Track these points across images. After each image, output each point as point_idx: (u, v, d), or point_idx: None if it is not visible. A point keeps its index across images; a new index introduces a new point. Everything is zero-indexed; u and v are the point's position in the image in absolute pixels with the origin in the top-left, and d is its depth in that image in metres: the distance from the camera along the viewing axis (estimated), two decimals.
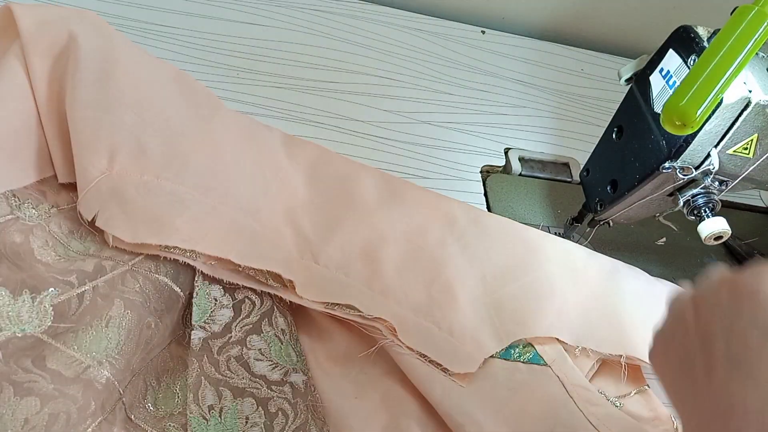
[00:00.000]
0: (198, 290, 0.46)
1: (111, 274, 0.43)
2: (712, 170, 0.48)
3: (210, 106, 0.55)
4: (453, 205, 0.59)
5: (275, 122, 0.64)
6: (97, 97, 0.47)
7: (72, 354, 0.39)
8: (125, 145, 0.47)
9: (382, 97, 0.71)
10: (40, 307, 0.40)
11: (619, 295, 0.55)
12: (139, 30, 0.67)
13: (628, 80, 0.53)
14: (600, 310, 0.54)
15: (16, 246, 0.42)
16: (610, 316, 0.54)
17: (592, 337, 0.52)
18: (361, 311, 0.48)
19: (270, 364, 0.44)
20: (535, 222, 0.65)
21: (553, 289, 0.54)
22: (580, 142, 0.75)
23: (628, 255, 0.65)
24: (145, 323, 0.42)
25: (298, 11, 0.76)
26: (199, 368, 0.43)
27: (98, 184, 0.45)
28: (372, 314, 0.48)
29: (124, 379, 0.41)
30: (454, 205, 0.58)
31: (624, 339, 0.53)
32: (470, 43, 0.82)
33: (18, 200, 0.45)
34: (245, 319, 0.46)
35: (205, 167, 0.50)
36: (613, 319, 0.54)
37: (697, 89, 0.40)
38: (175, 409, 0.42)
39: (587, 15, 0.88)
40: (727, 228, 0.49)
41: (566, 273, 0.55)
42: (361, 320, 0.48)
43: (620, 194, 0.53)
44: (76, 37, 0.48)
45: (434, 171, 0.66)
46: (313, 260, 0.51)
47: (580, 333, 0.52)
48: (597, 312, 0.54)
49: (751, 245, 0.69)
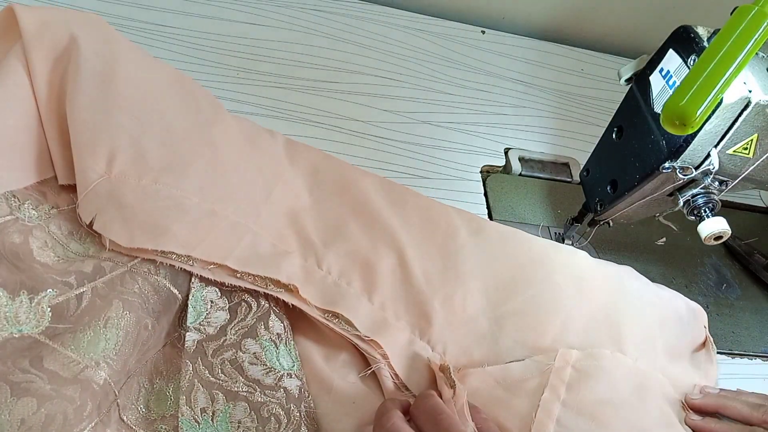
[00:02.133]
0: (194, 292, 0.46)
1: (110, 275, 0.43)
2: (712, 170, 0.48)
3: (211, 111, 0.54)
4: (454, 214, 0.58)
5: (275, 122, 0.64)
6: (97, 99, 0.47)
7: (69, 355, 0.39)
8: (124, 149, 0.47)
9: (382, 97, 0.71)
10: (38, 308, 0.40)
11: (623, 308, 0.55)
12: (139, 30, 0.67)
13: (628, 80, 0.53)
14: (604, 323, 0.54)
15: (15, 247, 0.42)
16: (613, 331, 0.53)
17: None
18: (359, 330, 0.47)
19: (264, 369, 0.44)
20: (535, 222, 0.65)
21: (558, 302, 0.53)
22: (580, 142, 0.75)
23: (628, 255, 0.65)
24: (143, 324, 0.42)
25: (298, 11, 0.76)
26: (192, 371, 0.42)
27: (96, 188, 0.45)
28: (368, 336, 0.47)
29: (120, 380, 0.41)
30: (455, 215, 0.58)
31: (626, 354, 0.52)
32: (470, 43, 0.82)
33: (18, 201, 0.45)
34: (241, 322, 0.46)
35: (204, 171, 0.50)
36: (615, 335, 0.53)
37: (697, 89, 0.40)
38: (167, 412, 0.42)
39: (587, 15, 0.88)
40: (727, 228, 0.49)
41: (571, 284, 0.55)
42: (356, 340, 0.47)
43: (620, 194, 0.53)
44: (77, 40, 0.48)
45: (434, 171, 0.66)
46: (317, 264, 0.51)
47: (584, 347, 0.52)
48: (601, 326, 0.53)
49: (751, 245, 0.69)
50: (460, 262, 0.54)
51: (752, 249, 0.69)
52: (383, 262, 0.52)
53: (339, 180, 0.58)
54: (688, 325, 0.57)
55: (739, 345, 0.61)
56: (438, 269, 0.53)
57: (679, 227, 0.61)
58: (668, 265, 0.66)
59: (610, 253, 0.65)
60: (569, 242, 0.63)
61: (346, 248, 0.53)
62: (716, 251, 0.69)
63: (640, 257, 0.66)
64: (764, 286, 0.67)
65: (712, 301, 0.64)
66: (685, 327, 0.57)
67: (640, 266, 0.60)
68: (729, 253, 0.70)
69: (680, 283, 0.64)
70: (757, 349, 0.61)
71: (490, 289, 0.53)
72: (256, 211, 0.52)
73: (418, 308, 0.51)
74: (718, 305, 0.64)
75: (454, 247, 0.55)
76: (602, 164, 0.57)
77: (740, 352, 0.60)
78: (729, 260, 0.69)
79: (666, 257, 0.67)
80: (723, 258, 0.69)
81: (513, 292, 0.53)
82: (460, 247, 0.55)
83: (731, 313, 0.64)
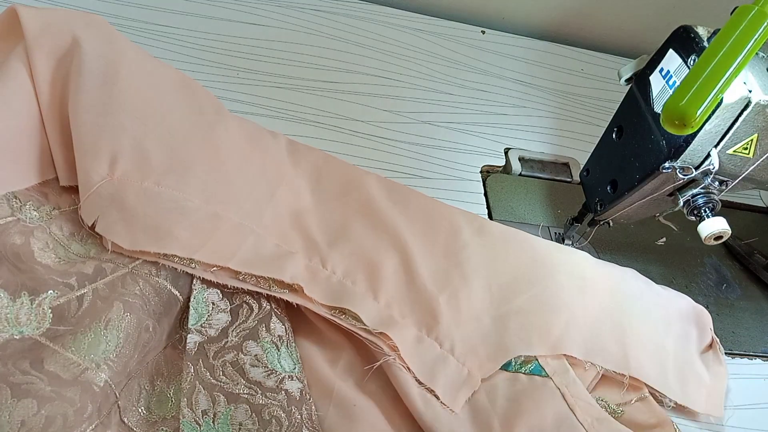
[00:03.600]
0: (196, 294, 0.46)
1: (111, 277, 0.43)
2: (712, 170, 0.48)
3: (213, 112, 0.54)
4: (457, 214, 0.58)
5: (275, 122, 0.64)
6: (99, 101, 0.47)
7: (70, 356, 0.39)
8: (127, 151, 0.47)
9: (382, 97, 0.71)
10: (39, 310, 0.40)
11: (627, 308, 0.55)
12: (139, 30, 0.67)
13: (628, 80, 0.53)
14: (607, 323, 0.54)
15: (17, 248, 0.42)
16: (617, 330, 0.53)
17: (600, 353, 0.52)
18: (366, 325, 0.47)
19: (265, 371, 0.44)
20: (535, 222, 0.65)
21: (561, 300, 0.53)
22: (580, 142, 0.74)
23: (628, 255, 0.65)
24: (144, 326, 0.42)
25: (298, 11, 0.76)
26: (194, 372, 0.42)
27: (99, 190, 0.45)
28: (377, 329, 0.47)
29: (121, 382, 0.41)
30: (458, 214, 0.58)
31: (629, 356, 0.52)
32: (470, 43, 0.82)
33: (19, 202, 0.45)
34: (242, 324, 0.46)
35: (207, 173, 0.50)
36: (619, 334, 0.53)
37: (697, 89, 0.40)
38: (168, 414, 0.42)
39: (587, 15, 0.88)
40: (727, 228, 0.49)
41: (574, 283, 0.55)
42: (365, 334, 0.47)
43: (620, 194, 0.53)
44: (79, 41, 0.48)
45: (434, 171, 0.66)
46: (321, 264, 0.51)
47: (588, 347, 0.52)
48: (604, 325, 0.53)
49: (751, 245, 0.69)
50: (464, 261, 0.54)
51: (752, 249, 0.69)
52: (387, 261, 0.52)
53: (341, 181, 0.58)
54: (694, 325, 0.57)
55: (739, 345, 0.61)
56: (442, 268, 0.54)
57: (679, 227, 0.61)
58: (668, 265, 0.66)
59: (610, 253, 0.65)
60: (569, 242, 0.63)
61: (350, 248, 0.53)
62: (716, 251, 0.69)
63: (640, 257, 0.65)
64: (764, 286, 0.67)
65: (712, 301, 0.64)
66: (691, 327, 0.57)
67: (640, 266, 0.60)
68: (729, 253, 0.70)
69: (680, 283, 0.64)
70: (757, 349, 0.61)
71: (493, 288, 0.53)
72: (260, 213, 0.52)
73: (424, 306, 0.51)
74: (718, 305, 0.64)
75: (458, 246, 0.55)
76: (602, 164, 0.57)
77: (740, 352, 0.60)
78: (729, 260, 0.69)
79: (666, 257, 0.67)
80: (723, 258, 0.69)
81: (516, 290, 0.53)
82: (463, 246, 0.55)
83: (731, 313, 0.64)
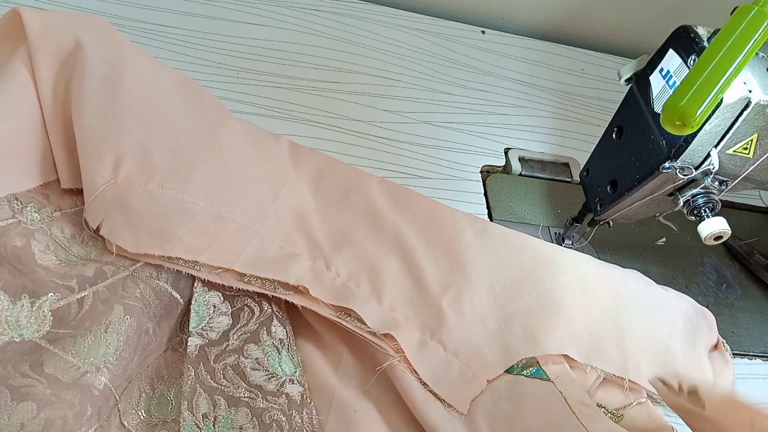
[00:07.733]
0: (197, 297, 0.46)
1: (111, 279, 0.43)
2: (712, 170, 0.47)
3: (217, 114, 0.54)
4: (459, 216, 0.58)
5: (275, 122, 0.64)
6: (102, 104, 0.47)
7: (70, 359, 0.39)
8: (130, 154, 0.46)
9: (382, 97, 0.71)
10: (39, 312, 0.40)
11: (628, 310, 0.55)
12: (139, 30, 0.67)
13: (628, 80, 0.53)
14: (608, 325, 0.54)
15: (17, 250, 0.42)
16: (618, 333, 0.53)
17: (600, 356, 0.52)
18: (371, 327, 0.47)
19: (266, 374, 0.44)
20: (535, 222, 0.65)
21: (563, 302, 0.53)
22: (580, 142, 0.74)
23: (628, 255, 0.65)
24: (144, 329, 0.42)
25: (298, 11, 0.76)
26: (194, 376, 0.42)
27: (103, 193, 0.45)
28: (382, 331, 0.47)
29: (121, 385, 0.41)
30: (460, 217, 0.58)
31: (629, 359, 0.52)
32: (470, 43, 0.82)
33: (21, 204, 0.45)
34: (243, 327, 0.46)
35: (210, 175, 0.50)
36: (619, 337, 0.53)
37: (697, 89, 0.40)
38: (168, 417, 0.42)
39: (587, 15, 0.88)
40: (727, 228, 0.49)
41: (576, 285, 0.55)
42: (369, 336, 0.47)
43: (620, 194, 0.53)
44: (82, 43, 0.48)
45: (434, 171, 0.66)
46: (325, 266, 0.51)
47: (589, 350, 0.52)
48: (605, 328, 0.53)
49: (751, 245, 0.69)
50: (467, 263, 0.54)
51: (752, 249, 0.69)
52: (390, 265, 0.52)
53: (343, 183, 0.58)
54: (698, 326, 0.57)
55: (739, 345, 0.61)
56: (445, 271, 0.53)
57: (679, 227, 0.61)
58: (668, 265, 0.66)
59: (610, 253, 0.65)
60: (569, 242, 0.63)
61: (353, 252, 0.53)
62: (716, 251, 0.69)
63: (640, 257, 0.65)
64: (764, 286, 0.67)
65: (712, 301, 0.64)
66: (696, 328, 0.57)
67: (640, 266, 0.60)
68: (729, 253, 0.70)
69: (680, 283, 0.64)
70: (757, 349, 0.61)
71: (497, 289, 0.53)
72: (263, 215, 0.52)
73: (427, 310, 0.51)
74: (718, 305, 0.64)
75: (460, 248, 0.55)
76: (602, 164, 0.57)
77: (740, 352, 0.60)
78: (729, 260, 0.69)
79: (666, 257, 0.67)
80: (723, 258, 0.69)
81: (519, 292, 0.53)
82: (465, 249, 0.55)
83: (731, 313, 0.64)
